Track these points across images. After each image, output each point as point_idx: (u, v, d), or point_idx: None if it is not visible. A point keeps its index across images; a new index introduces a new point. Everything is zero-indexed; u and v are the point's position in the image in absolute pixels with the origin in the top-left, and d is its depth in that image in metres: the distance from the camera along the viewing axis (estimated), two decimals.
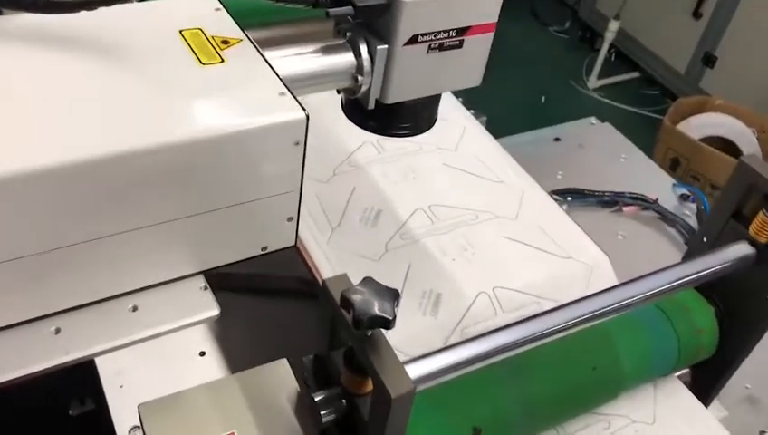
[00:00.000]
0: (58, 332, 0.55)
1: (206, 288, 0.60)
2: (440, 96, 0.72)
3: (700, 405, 0.85)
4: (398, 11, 0.60)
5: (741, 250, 0.78)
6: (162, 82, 0.55)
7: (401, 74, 0.64)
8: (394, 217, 0.90)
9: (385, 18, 0.61)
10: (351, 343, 0.57)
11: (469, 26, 0.65)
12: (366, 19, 0.62)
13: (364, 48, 0.63)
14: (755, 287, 0.80)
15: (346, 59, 0.64)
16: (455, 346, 0.62)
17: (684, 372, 0.89)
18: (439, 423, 0.68)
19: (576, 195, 1.29)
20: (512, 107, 2.69)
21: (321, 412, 0.60)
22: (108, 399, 0.77)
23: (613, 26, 3.01)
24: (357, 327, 0.52)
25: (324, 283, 0.58)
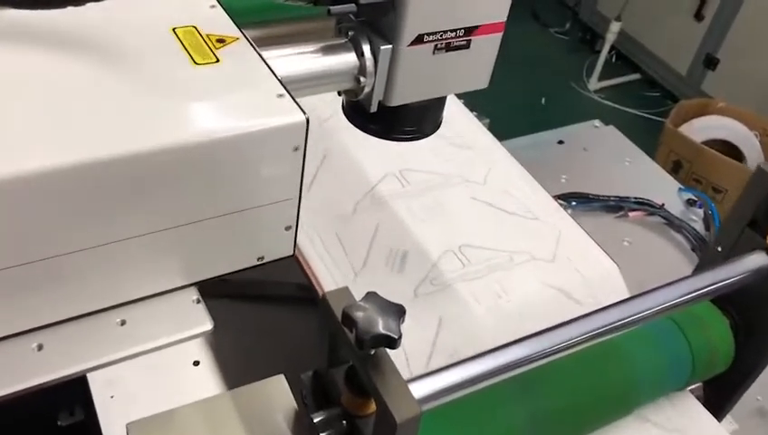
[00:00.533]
0: (41, 348, 0.53)
1: (198, 301, 0.58)
2: (446, 98, 0.70)
3: (711, 418, 0.83)
4: (404, 9, 0.58)
5: (758, 260, 0.76)
6: (153, 83, 0.52)
7: (406, 76, 0.62)
8: (422, 260, 0.85)
9: (389, 17, 0.59)
10: (353, 362, 0.54)
11: (477, 26, 0.63)
12: (369, 17, 0.60)
13: (367, 48, 0.61)
14: None
15: (348, 59, 0.62)
16: (462, 363, 0.59)
17: (696, 386, 0.86)
18: None
19: (580, 199, 1.28)
20: (512, 108, 2.67)
21: (321, 434, 0.57)
22: (98, 409, 0.75)
23: (614, 28, 3.00)
24: (360, 347, 0.49)
25: (324, 296, 0.55)
